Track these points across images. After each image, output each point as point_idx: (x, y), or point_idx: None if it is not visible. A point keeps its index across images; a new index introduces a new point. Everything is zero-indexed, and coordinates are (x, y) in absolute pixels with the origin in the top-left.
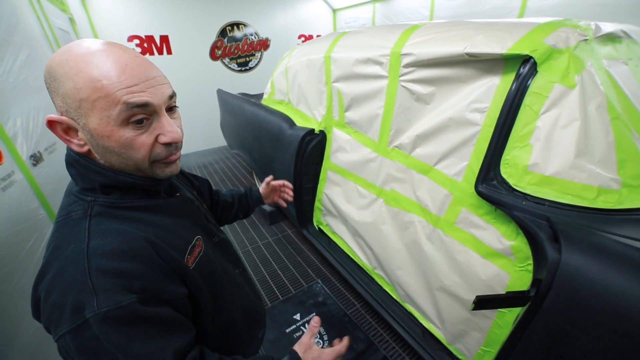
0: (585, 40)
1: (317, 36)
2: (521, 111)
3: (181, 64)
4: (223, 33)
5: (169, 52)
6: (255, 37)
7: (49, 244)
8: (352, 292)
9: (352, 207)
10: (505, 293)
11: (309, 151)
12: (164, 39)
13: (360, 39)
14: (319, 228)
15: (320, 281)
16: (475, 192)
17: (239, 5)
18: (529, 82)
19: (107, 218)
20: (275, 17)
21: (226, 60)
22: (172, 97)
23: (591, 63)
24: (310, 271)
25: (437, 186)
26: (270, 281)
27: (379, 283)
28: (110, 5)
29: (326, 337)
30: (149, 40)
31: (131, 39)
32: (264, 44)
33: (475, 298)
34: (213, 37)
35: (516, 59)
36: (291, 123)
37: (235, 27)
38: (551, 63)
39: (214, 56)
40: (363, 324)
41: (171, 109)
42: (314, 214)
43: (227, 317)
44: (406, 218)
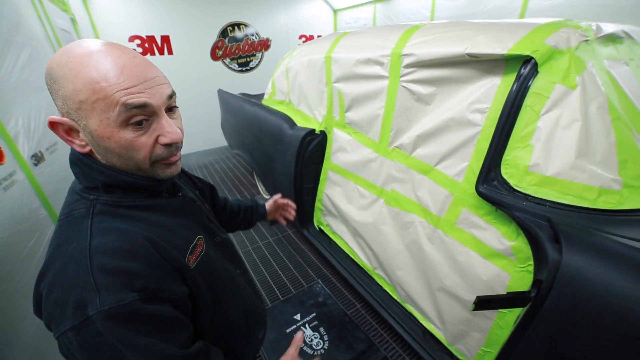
0: (587, 40)
1: (318, 36)
2: (522, 112)
3: (182, 64)
4: (224, 33)
5: (170, 52)
6: (256, 38)
7: (51, 241)
8: (352, 292)
9: (353, 207)
10: (505, 294)
11: (309, 151)
12: (165, 39)
13: (361, 39)
14: (319, 228)
15: (320, 281)
16: (475, 193)
17: (240, 5)
18: (529, 82)
19: (109, 217)
20: (276, 17)
21: (227, 60)
22: (172, 97)
23: (592, 64)
24: (310, 271)
25: (437, 186)
26: (271, 281)
27: (380, 283)
28: (112, 6)
29: (326, 338)
30: (150, 40)
31: (132, 39)
32: (264, 44)
33: (475, 298)
34: (214, 38)
35: (517, 59)
36: (292, 123)
37: (236, 28)
38: (552, 63)
39: (214, 56)
40: (363, 324)
41: (171, 109)
42: (315, 214)
43: (226, 317)
44: (407, 218)
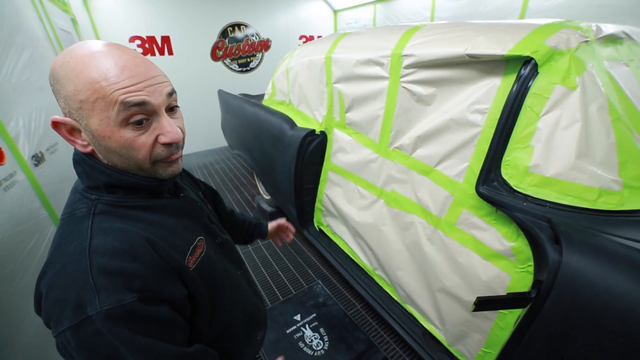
0: (587, 41)
1: (318, 37)
2: (522, 112)
3: (182, 64)
4: (224, 34)
5: (170, 52)
6: (256, 38)
7: (53, 240)
8: (352, 292)
9: (353, 207)
10: (506, 294)
11: (309, 152)
12: (165, 39)
13: (361, 40)
14: (319, 229)
15: (320, 282)
16: (476, 193)
17: (240, 6)
18: (529, 83)
19: (109, 217)
20: (276, 18)
21: (227, 60)
22: (172, 95)
23: (592, 64)
24: (310, 272)
25: (437, 187)
26: (271, 282)
27: (380, 284)
28: (112, 6)
29: (326, 338)
30: (150, 40)
31: (133, 39)
32: (265, 45)
33: (476, 299)
34: (214, 38)
35: (517, 60)
36: (292, 124)
37: (236, 28)
38: (552, 64)
39: (215, 57)
40: (363, 325)
41: (172, 108)
42: (315, 214)
43: (225, 319)
44: (407, 219)
